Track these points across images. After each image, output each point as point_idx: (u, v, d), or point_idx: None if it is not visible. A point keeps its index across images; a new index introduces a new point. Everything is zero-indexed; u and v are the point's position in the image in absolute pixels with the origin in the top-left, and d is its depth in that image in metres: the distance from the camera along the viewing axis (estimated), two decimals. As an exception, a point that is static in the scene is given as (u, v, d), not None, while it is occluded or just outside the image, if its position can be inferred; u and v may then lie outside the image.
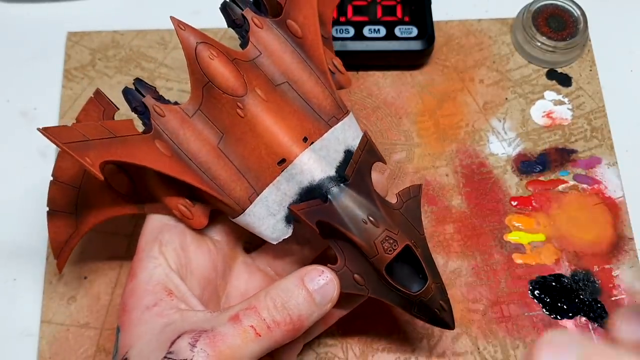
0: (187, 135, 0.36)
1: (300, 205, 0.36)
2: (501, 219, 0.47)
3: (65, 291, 0.45)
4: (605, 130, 0.50)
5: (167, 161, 0.35)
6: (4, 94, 0.52)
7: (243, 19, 0.39)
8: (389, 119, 0.51)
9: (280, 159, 0.36)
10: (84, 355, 0.44)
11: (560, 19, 0.52)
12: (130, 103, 0.37)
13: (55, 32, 0.54)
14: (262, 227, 0.37)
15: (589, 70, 0.52)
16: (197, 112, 0.37)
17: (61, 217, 0.39)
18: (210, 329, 0.32)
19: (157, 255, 0.36)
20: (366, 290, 0.36)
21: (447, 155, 0.49)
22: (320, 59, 0.38)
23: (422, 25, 0.51)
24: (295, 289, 0.34)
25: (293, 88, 0.38)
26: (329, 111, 0.38)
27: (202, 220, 0.37)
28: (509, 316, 0.44)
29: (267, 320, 0.33)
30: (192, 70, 0.37)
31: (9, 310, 0.45)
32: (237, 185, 0.36)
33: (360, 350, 0.44)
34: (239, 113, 0.36)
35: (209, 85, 0.37)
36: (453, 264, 0.46)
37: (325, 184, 0.36)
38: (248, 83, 0.37)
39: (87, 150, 0.32)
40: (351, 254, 0.36)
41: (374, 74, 0.52)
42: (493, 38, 0.54)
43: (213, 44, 0.37)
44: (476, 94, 0.51)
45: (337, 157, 0.37)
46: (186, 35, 0.37)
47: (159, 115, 0.36)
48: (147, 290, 0.35)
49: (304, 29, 0.38)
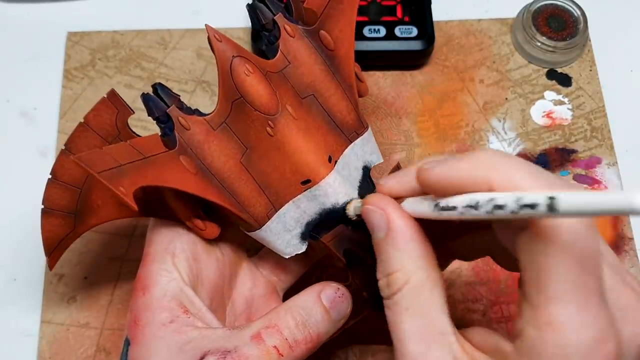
0: (212, 149, 0.35)
1: (328, 236, 0.35)
2: (501, 219, 0.47)
3: (65, 291, 0.45)
4: (605, 130, 0.50)
5: (192, 179, 0.34)
6: (4, 94, 0.52)
7: (273, 24, 0.37)
8: (389, 119, 0.51)
9: (305, 179, 0.35)
10: (84, 355, 0.44)
11: (560, 19, 0.52)
12: (152, 112, 0.35)
13: (55, 32, 0.54)
14: (277, 242, 0.36)
15: (589, 70, 0.52)
16: (223, 125, 0.35)
17: (57, 217, 0.38)
18: (233, 349, 0.32)
19: (170, 268, 0.35)
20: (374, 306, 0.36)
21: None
22: (350, 74, 0.37)
23: (422, 25, 0.51)
24: (313, 306, 0.34)
25: (319, 101, 0.37)
26: (351, 126, 0.37)
27: (214, 230, 0.37)
28: (509, 316, 0.44)
29: (289, 339, 0.33)
30: (223, 85, 0.35)
31: (9, 310, 0.45)
32: (257, 202, 0.35)
33: (360, 350, 0.44)
34: (269, 132, 0.35)
35: (240, 101, 0.35)
36: (453, 264, 0.46)
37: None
38: (280, 99, 0.36)
39: (121, 179, 0.31)
40: (362, 272, 0.36)
41: (374, 74, 0.52)
42: (493, 38, 0.54)
43: (248, 57, 0.36)
44: (476, 94, 0.52)
45: (357, 175, 0.37)
46: (222, 48, 0.35)
47: (184, 128, 0.35)
48: (162, 306, 0.34)
49: (337, 42, 0.37)
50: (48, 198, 0.37)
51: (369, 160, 0.38)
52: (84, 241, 0.47)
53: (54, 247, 0.38)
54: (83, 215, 0.38)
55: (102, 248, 0.46)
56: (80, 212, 0.38)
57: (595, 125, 0.50)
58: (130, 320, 0.34)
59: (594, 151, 0.49)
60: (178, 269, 0.35)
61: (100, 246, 0.46)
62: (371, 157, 0.38)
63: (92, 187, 0.37)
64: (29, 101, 0.52)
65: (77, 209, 0.37)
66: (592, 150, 0.49)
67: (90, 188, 0.37)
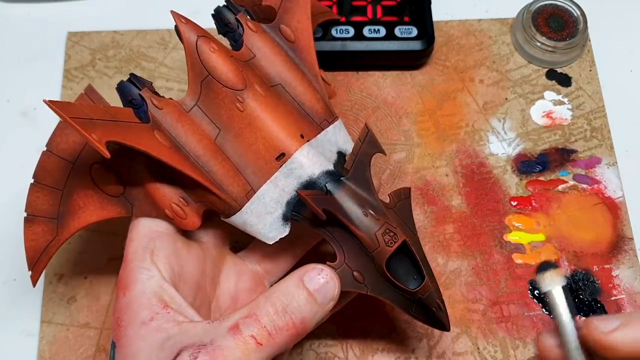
0: (185, 128, 0.36)
1: (307, 191, 0.35)
2: (501, 219, 0.47)
3: (65, 291, 0.45)
4: (605, 130, 0.50)
5: (166, 150, 0.35)
6: (4, 94, 0.52)
7: (237, 23, 0.39)
8: (389, 119, 0.51)
9: (279, 153, 0.36)
10: (84, 355, 0.44)
11: (560, 19, 0.52)
12: (125, 97, 0.36)
13: (55, 32, 0.54)
14: (259, 226, 0.36)
15: (589, 70, 0.52)
16: (195, 106, 0.37)
17: (40, 223, 0.37)
18: (209, 343, 0.31)
19: (149, 265, 0.34)
20: (366, 288, 0.36)
21: (447, 155, 0.49)
22: (312, 63, 0.39)
23: (422, 25, 0.51)
24: (295, 290, 0.33)
25: (286, 90, 0.38)
26: (321, 114, 0.38)
27: (195, 220, 0.37)
28: (509, 316, 0.44)
29: (268, 327, 0.32)
30: (191, 63, 0.37)
31: (9, 310, 0.45)
32: (235, 182, 0.36)
33: (360, 350, 0.44)
34: (238, 107, 0.37)
35: (209, 79, 0.37)
36: (453, 264, 0.46)
37: (324, 179, 0.36)
38: (247, 79, 0.37)
39: (93, 128, 0.32)
40: (351, 250, 0.36)
41: (374, 74, 0.52)
42: (493, 38, 0.54)
43: (212, 38, 0.38)
44: (476, 94, 0.52)
45: (331, 156, 0.38)
46: (187, 29, 0.37)
47: (157, 107, 0.36)
48: (142, 304, 0.33)
49: (297, 34, 0.39)
50: (30, 203, 0.37)
51: (344, 148, 0.38)
52: (84, 241, 0.47)
53: (37, 257, 0.37)
54: (66, 218, 0.37)
55: (102, 248, 0.46)
56: (62, 216, 0.37)
57: (595, 125, 0.50)
58: (114, 322, 0.34)
59: (593, 151, 0.49)
60: (157, 267, 0.34)
61: (100, 246, 0.46)
62: (345, 145, 0.38)
63: (74, 187, 0.37)
64: (29, 101, 0.52)
65: (60, 212, 0.37)
66: (592, 150, 0.49)
67: (71, 189, 0.37)
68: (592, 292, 0.45)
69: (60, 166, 0.37)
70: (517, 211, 0.47)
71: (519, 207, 0.48)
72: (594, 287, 0.45)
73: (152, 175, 0.36)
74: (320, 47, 0.50)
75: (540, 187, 0.48)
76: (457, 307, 0.45)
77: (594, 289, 0.45)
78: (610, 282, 0.45)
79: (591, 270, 0.46)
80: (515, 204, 0.48)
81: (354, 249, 0.35)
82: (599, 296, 0.45)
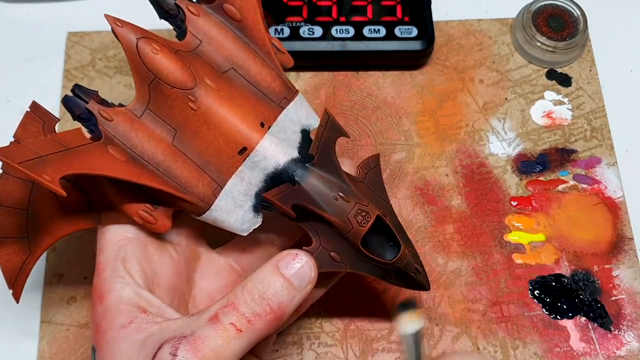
0: (139, 136, 0.35)
1: (272, 191, 0.35)
2: (501, 219, 0.47)
3: (65, 291, 0.45)
4: (605, 130, 0.50)
5: (123, 167, 0.34)
6: (4, 94, 0.52)
7: (177, 8, 0.37)
8: (389, 119, 0.51)
9: (241, 147, 0.35)
10: (84, 355, 0.44)
11: (560, 19, 0.52)
12: (72, 112, 0.35)
13: (55, 32, 0.54)
14: (231, 221, 0.36)
15: (589, 70, 0.52)
16: (146, 111, 0.35)
17: (10, 244, 0.36)
18: (190, 334, 0.31)
19: (122, 274, 0.34)
20: (344, 266, 0.36)
21: (447, 155, 0.49)
22: (263, 41, 0.37)
23: (422, 25, 0.51)
24: (271, 277, 0.33)
25: (239, 73, 0.37)
26: (279, 93, 0.37)
27: (165, 222, 0.36)
28: (509, 316, 0.44)
29: (246, 314, 0.32)
30: (135, 67, 0.35)
31: (9, 310, 0.45)
32: (199, 182, 0.35)
33: (360, 350, 0.44)
34: (191, 106, 0.35)
35: (156, 81, 0.35)
36: (453, 264, 0.46)
37: (290, 167, 0.35)
38: (196, 74, 0.36)
39: (44, 167, 0.30)
40: (325, 232, 0.35)
41: (374, 74, 0.52)
42: (493, 38, 0.54)
43: (154, 37, 0.36)
44: (476, 94, 0.52)
45: (295, 138, 0.37)
46: (124, 32, 0.35)
47: (107, 119, 0.34)
48: (119, 310, 0.33)
49: (242, 11, 0.37)
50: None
51: (307, 124, 0.38)
52: (84, 241, 0.47)
53: (15, 276, 0.37)
54: (36, 236, 0.37)
55: (102, 248, 0.46)
56: (31, 234, 0.37)
57: (595, 125, 0.50)
58: (93, 329, 0.34)
59: (593, 151, 0.49)
60: (131, 274, 0.34)
61: (100, 246, 0.46)
62: (308, 121, 0.38)
63: (37, 205, 0.37)
64: (29, 101, 0.52)
65: (28, 231, 0.36)
66: (592, 150, 0.49)
67: (35, 207, 0.37)
68: (592, 292, 0.45)
69: (21, 187, 0.37)
70: (517, 211, 0.48)
71: (519, 207, 0.48)
72: (594, 287, 0.45)
73: (115, 187, 0.35)
74: (320, 47, 0.50)
75: (540, 187, 0.48)
76: (457, 307, 0.45)
77: (594, 289, 0.45)
78: (610, 282, 0.45)
79: (591, 270, 0.46)
80: (515, 204, 0.48)
81: (328, 231, 0.35)
82: (599, 296, 0.45)
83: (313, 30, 0.51)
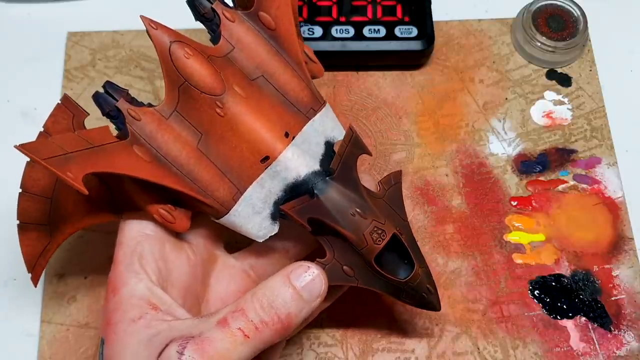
0: (165, 138, 0.35)
1: (289, 204, 0.35)
2: (501, 219, 0.47)
3: (65, 291, 0.45)
4: (605, 130, 0.50)
5: (147, 167, 0.34)
6: (4, 94, 0.52)
7: (213, 13, 0.37)
8: (389, 119, 0.51)
9: (264, 156, 0.36)
10: (84, 355, 0.44)
11: (560, 19, 0.52)
12: (102, 108, 0.36)
13: (55, 32, 0.54)
14: (248, 226, 0.36)
15: (589, 70, 0.52)
16: (174, 113, 0.36)
17: (33, 230, 0.37)
18: (198, 335, 0.32)
19: (138, 269, 0.35)
20: (356, 280, 0.36)
21: (447, 155, 0.49)
22: (295, 51, 0.37)
23: (422, 25, 0.51)
24: (281, 287, 0.33)
25: (269, 81, 0.37)
26: (307, 103, 0.37)
27: (184, 223, 0.36)
28: (509, 316, 0.44)
29: (254, 321, 0.32)
30: (166, 70, 0.36)
31: (9, 310, 0.45)
32: (220, 186, 0.35)
33: (360, 350, 0.44)
34: (219, 112, 0.36)
35: (186, 85, 0.36)
36: (453, 264, 0.46)
37: (310, 179, 0.36)
38: (225, 80, 0.36)
39: (68, 165, 0.31)
40: (340, 246, 0.36)
41: (374, 74, 0.52)
42: (493, 38, 0.54)
43: (187, 42, 0.36)
44: (476, 94, 0.52)
45: (318, 150, 0.37)
46: (159, 35, 0.36)
47: (135, 119, 0.35)
48: (131, 304, 0.34)
49: (277, 21, 0.37)
50: (21, 212, 0.37)
51: (331, 136, 0.38)
52: (84, 241, 0.47)
53: (34, 261, 0.38)
54: (57, 224, 0.37)
55: (102, 248, 0.46)
56: (54, 222, 0.37)
57: (595, 125, 0.50)
58: (103, 321, 0.34)
59: (593, 151, 0.49)
60: (146, 271, 0.35)
61: (100, 246, 0.46)
62: (333, 133, 0.38)
63: (61, 194, 0.37)
64: (29, 101, 0.52)
65: (51, 219, 0.37)
66: (592, 150, 0.49)
67: (59, 196, 0.37)
68: (592, 292, 0.45)
69: (46, 175, 0.37)
70: (517, 211, 0.48)
71: (519, 207, 0.48)
72: (594, 287, 0.45)
73: (137, 184, 0.36)
74: (320, 47, 0.50)
75: (540, 187, 0.48)
76: (457, 307, 0.45)
77: (594, 289, 0.45)
78: (611, 282, 0.45)
79: (591, 270, 0.46)
80: (515, 204, 0.48)
81: (342, 245, 0.36)
82: (599, 296, 0.45)
83: (313, 30, 0.51)
